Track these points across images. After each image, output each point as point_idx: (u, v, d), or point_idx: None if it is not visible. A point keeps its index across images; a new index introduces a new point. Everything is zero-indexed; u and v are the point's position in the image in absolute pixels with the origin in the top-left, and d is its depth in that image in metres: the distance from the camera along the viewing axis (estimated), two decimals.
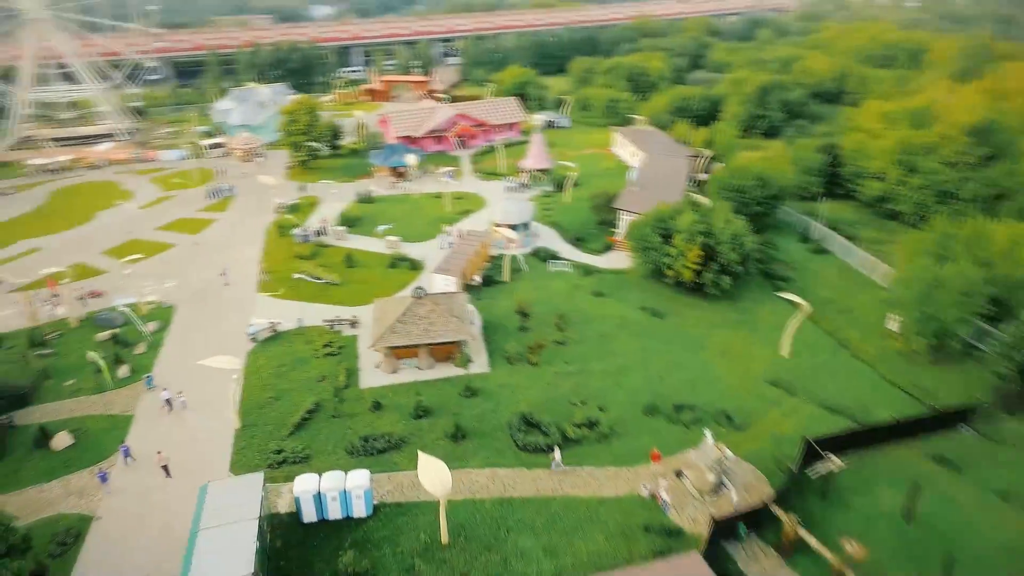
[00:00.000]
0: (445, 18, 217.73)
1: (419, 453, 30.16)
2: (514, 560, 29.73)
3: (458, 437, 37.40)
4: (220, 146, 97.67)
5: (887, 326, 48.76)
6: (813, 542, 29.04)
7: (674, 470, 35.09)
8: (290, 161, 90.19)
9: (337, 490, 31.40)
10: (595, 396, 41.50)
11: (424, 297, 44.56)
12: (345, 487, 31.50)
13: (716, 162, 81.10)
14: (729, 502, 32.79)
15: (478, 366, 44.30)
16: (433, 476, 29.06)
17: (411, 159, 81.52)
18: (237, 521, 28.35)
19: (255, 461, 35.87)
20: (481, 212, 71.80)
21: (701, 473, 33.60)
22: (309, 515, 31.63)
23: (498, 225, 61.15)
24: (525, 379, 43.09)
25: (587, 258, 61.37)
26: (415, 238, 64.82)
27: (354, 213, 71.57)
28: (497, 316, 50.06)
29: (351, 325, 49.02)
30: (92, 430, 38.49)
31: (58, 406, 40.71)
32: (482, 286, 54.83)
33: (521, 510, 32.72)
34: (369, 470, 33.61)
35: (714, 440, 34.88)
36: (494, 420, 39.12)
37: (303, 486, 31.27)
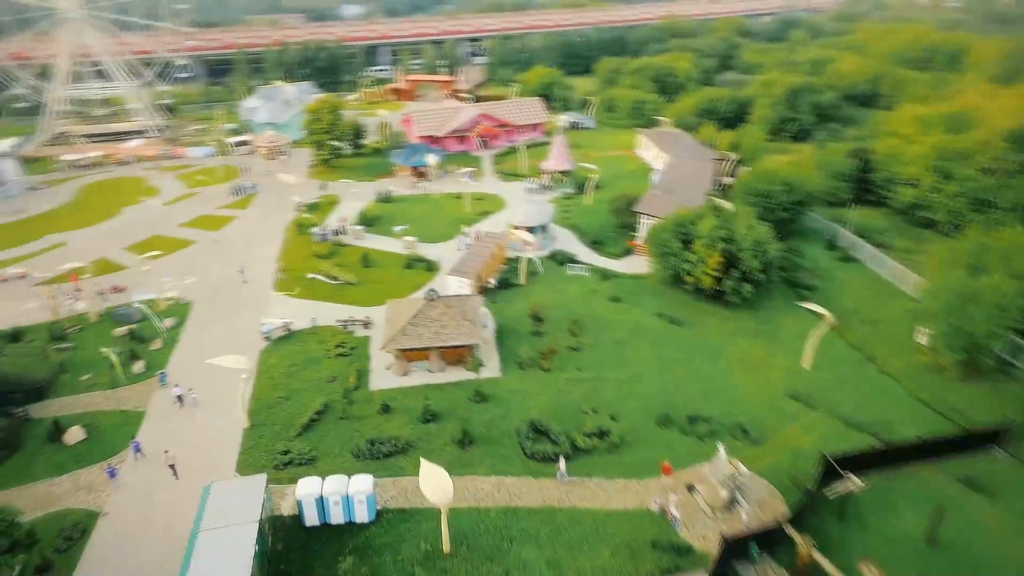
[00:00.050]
0: (473, 18, 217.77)
1: (421, 460, 29.66)
2: (516, 573, 29.15)
3: (465, 443, 36.87)
4: (246, 144, 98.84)
5: (916, 339, 46.77)
6: (829, 566, 27.88)
7: (686, 484, 34.05)
8: (313, 159, 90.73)
9: (340, 494, 31.15)
10: (607, 405, 40.58)
11: (436, 299, 44.13)
12: (348, 492, 31.23)
13: (742, 166, 79.27)
14: (741, 520, 31.65)
15: (489, 370, 43.71)
16: (435, 484, 28.55)
17: (432, 159, 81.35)
18: (238, 523, 28.26)
19: (261, 461, 35.84)
20: (501, 213, 71.17)
21: (713, 489, 32.53)
22: (311, 519, 31.43)
23: (515, 227, 60.46)
24: (536, 385, 42.36)
25: (605, 262, 60.29)
26: (433, 239, 64.50)
27: (373, 212, 71.59)
28: (511, 320, 49.41)
29: (364, 326, 48.83)
30: (104, 425, 38.90)
31: (73, 400, 41.26)
32: (497, 289, 54.21)
33: (526, 520, 32.08)
34: (373, 475, 33.34)
35: (727, 455, 33.72)
36: (503, 426, 38.49)
37: (305, 490, 31.08)
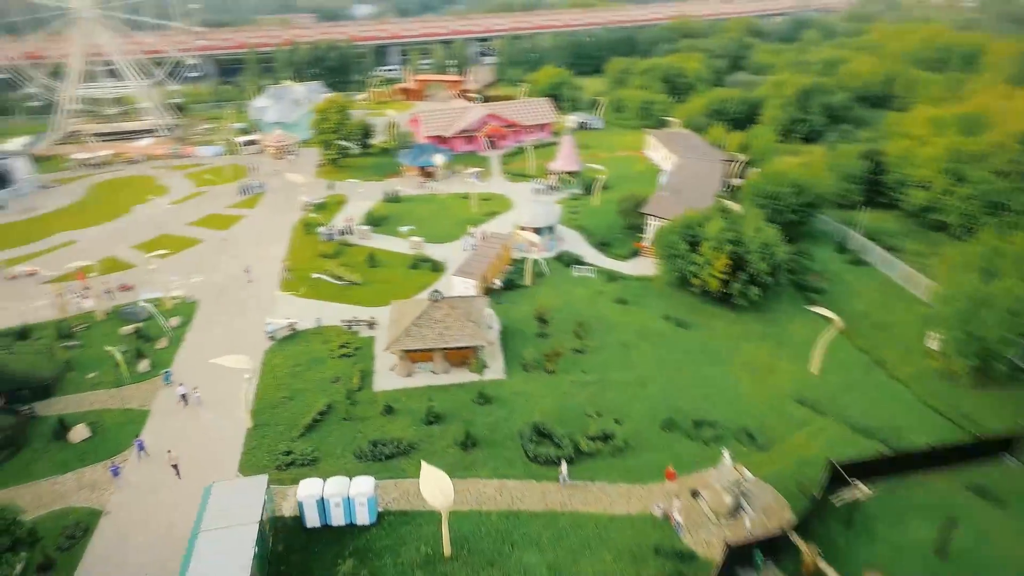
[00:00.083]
0: (483, 18, 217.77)
1: (422, 463, 29.46)
2: None
3: (468, 445, 36.63)
4: (255, 143, 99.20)
5: (927, 344, 46.15)
6: (834, 575, 27.37)
7: (690, 490, 33.63)
8: (321, 159, 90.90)
9: (341, 496, 30.97)
10: (612, 408, 40.24)
11: (441, 300, 43.96)
12: (349, 494, 31.06)
13: (751, 167, 78.59)
14: (747, 525, 31.21)
15: (493, 372, 43.47)
16: (435, 488, 28.31)
17: (439, 159, 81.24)
18: (238, 524, 28.13)
19: (264, 462, 35.76)
20: (507, 214, 70.96)
21: (718, 494, 32.09)
22: (312, 520, 31.27)
23: (521, 228, 60.19)
24: (541, 387, 42.08)
25: (612, 264, 59.91)
26: (439, 239, 64.36)
27: (380, 212, 71.56)
28: (516, 321, 49.14)
29: (369, 326, 48.73)
30: (109, 424, 38.99)
31: (79, 398, 41.41)
32: (503, 290, 53.97)
33: (528, 524, 31.79)
34: (375, 477, 33.16)
35: (732, 461, 33.29)
36: (506, 429, 38.22)
37: (306, 491, 30.93)
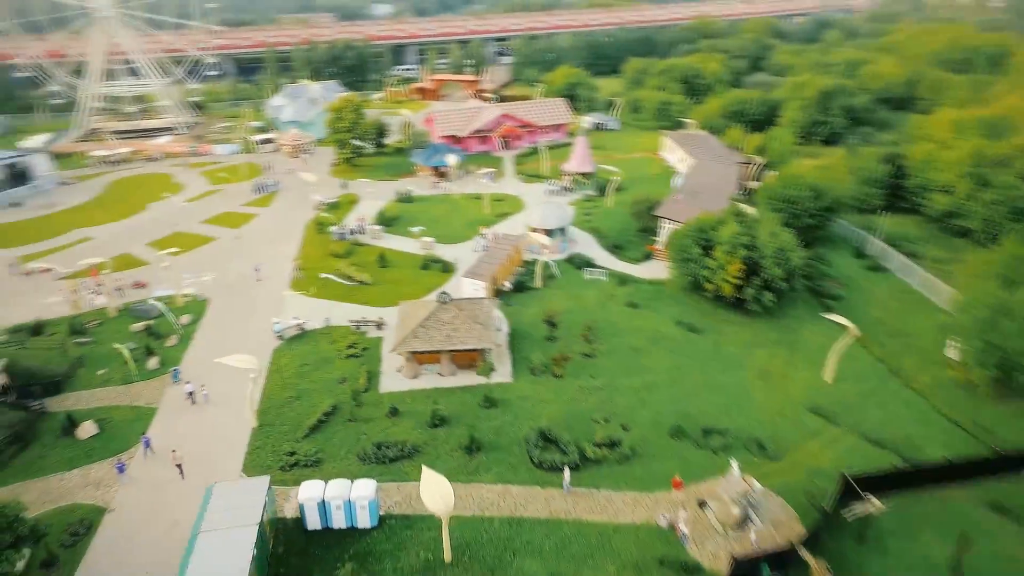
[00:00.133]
0: (501, 17, 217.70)
1: (423, 468, 29.14)
2: None
3: (473, 449, 36.26)
4: (270, 142, 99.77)
5: (946, 354, 44.92)
6: None
7: (697, 500, 32.98)
8: (335, 158, 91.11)
9: (342, 499, 30.76)
10: (619, 414, 39.63)
11: (449, 302, 43.65)
12: (350, 496, 30.83)
13: (769, 170, 77.35)
14: (753, 539, 30.48)
15: (501, 375, 43.04)
16: (435, 493, 27.99)
17: (452, 159, 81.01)
18: (238, 526, 28.04)
19: (268, 462, 35.70)
20: (520, 215, 70.49)
21: (725, 505, 31.41)
22: (313, 523, 31.12)
23: (533, 230, 59.71)
24: (548, 392, 41.58)
25: (624, 267, 59.17)
26: (450, 239, 64.10)
27: (393, 212, 71.48)
28: (525, 324, 48.68)
29: (377, 327, 48.56)
30: (117, 421, 39.19)
31: (88, 395, 41.69)
32: (512, 292, 53.54)
33: (530, 531, 31.36)
34: (378, 479, 33.00)
35: (740, 472, 32.55)
36: (511, 433, 37.79)
37: (307, 493, 30.76)
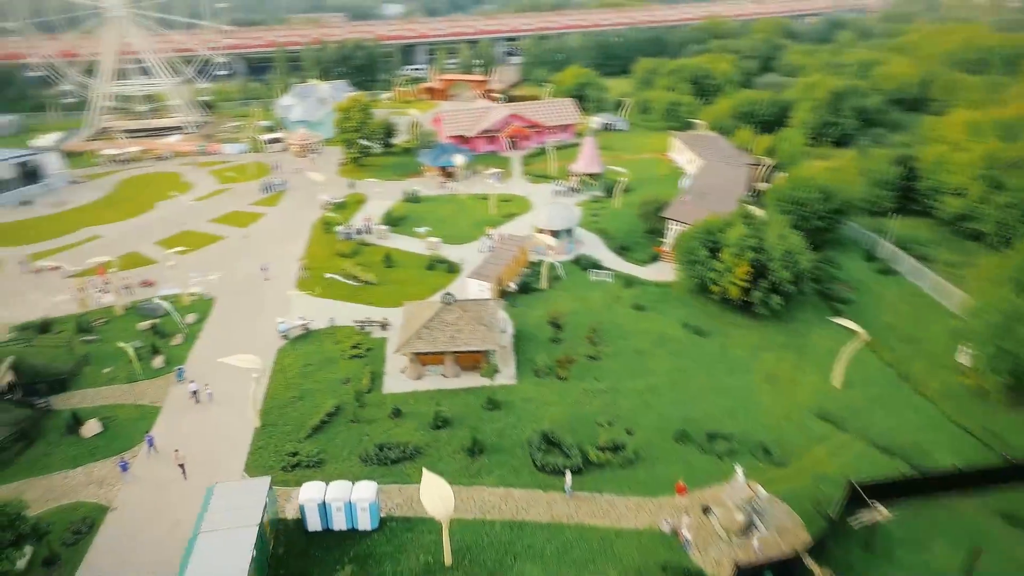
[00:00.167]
0: (512, 17, 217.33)
1: (423, 471, 28.94)
2: None
3: (475, 452, 36.05)
4: (279, 141, 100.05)
5: (957, 359, 44.16)
6: None
7: (701, 505, 32.56)
8: (343, 158, 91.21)
9: (342, 500, 30.64)
10: (624, 417, 39.26)
11: (453, 303, 43.45)
12: (351, 498, 30.70)
13: (779, 171, 76.60)
14: (756, 546, 30.04)
15: (504, 377, 42.79)
16: (435, 496, 27.78)
17: (459, 159, 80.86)
18: (238, 527, 27.98)
19: (270, 462, 35.65)
20: (527, 216, 70.23)
21: (730, 512, 30.99)
22: (313, 524, 31.02)
23: (539, 231, 59.41)
24: (552, 394, 41.29)
25: (631, 268, 58.75)
26: (456, 240, 63.94)
27: (399, 212, 71.44)
28: (530, 325, 48.40)
29: (381, 327, 48.46)
30: (121, 419, 39.30)
31: (93, 393, 41.85)
32: (518, 293, 53.28)
33: (532, 535, 31.09)
34: (380, 481, 32.90)
35: (745, 477, 32.12)
36: (514, 436, 37.53)
37: (308, 495, 30.65)
